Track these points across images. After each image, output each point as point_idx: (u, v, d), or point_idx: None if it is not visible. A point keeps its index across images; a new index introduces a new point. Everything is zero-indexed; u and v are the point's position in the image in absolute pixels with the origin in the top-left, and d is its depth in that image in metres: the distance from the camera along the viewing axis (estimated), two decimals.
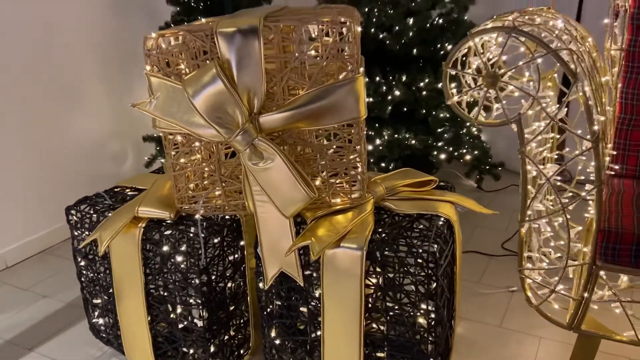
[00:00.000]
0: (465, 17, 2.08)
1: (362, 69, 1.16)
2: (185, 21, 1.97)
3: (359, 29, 1.16)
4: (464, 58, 1.23)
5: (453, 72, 1.17)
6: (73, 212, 1.36)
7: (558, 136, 1.44)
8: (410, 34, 2.01)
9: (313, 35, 1.16)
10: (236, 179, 1.21)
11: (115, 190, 1.45)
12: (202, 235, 1.20)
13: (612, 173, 1.31)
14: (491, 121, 1.19)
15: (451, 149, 2.15)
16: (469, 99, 1.24)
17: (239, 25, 1.06)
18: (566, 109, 1.26)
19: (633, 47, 1.28)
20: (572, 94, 1.02)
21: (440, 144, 2.12)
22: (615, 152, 1.31)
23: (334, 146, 1.25)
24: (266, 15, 1.11)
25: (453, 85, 1.25)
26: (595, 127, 1.03)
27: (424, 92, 2.06)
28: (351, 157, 1.21)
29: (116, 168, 2.44)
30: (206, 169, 1.22)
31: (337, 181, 1.24)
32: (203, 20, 1.21)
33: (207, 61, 1.08)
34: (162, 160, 2.26)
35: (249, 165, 1.10)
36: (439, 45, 2.07)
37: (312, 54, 1.14)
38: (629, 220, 1.07)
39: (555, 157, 1.49)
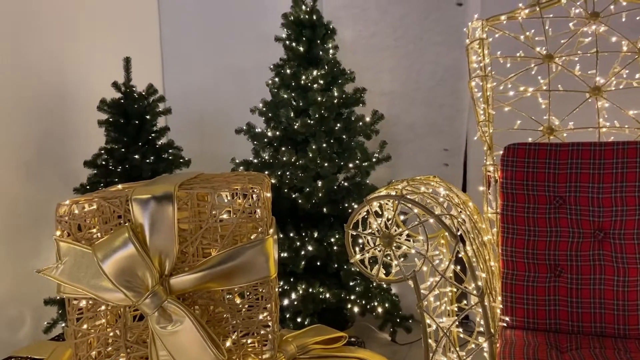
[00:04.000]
0: (367, 181, 2.31)
1: (272, 230, 1.24)
2: (102, 183, 2.02)
3: (269, 194, 1.27)
4: (366, 218, 1.36)
5: (354, 233, 1.29)
6: None
7: (455, 290, 1.56)
8: (320, 194, 2.19)
9: (226, 200, 1.25)
10: (142, 344, 1.17)
11: None
12: None
13: (505, 325, 1.42)
14: (390, 278, 1.29)
15: (363, 302, 2.22)
16: (370, 256, 1.35)
17: (154, 192, 1.12)
18: (458, 266, 1.40)
19: (506, 211, 1.49)
20: (456, 254, 1.16)
21: (352, 297, 2.19)
22: (500, 306, 1.43)
23: (246, 305, 1.27)
24: (181, 183, 1.20)
25: (365, 239, 1.36)
26: (479, 283, 1.15)
27: (335, 247, 2.18)
28: (262, 316, 1.23)
29: (11, 335, 2.23)
30: (111, 334, 1.18)
31: (249, 341, 1.24)
32: (119, 186, 1.27)
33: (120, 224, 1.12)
34: (64, 325, 2.11)
35: (157, 329, 1.09)
36: (346, 204, 2.25)
37: (224, 217, 1.21)
38: None
39: (456, 309, 1.60)
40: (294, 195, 2.23)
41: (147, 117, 2.07)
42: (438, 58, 2.47)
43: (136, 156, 2.00)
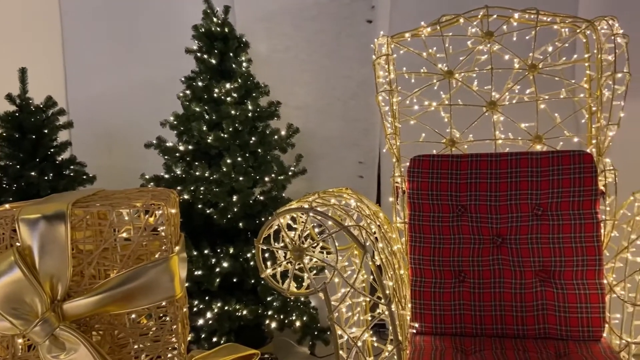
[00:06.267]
0: (284, 194, 2.31)
1: (177, 248, 1.19)
2: None
3: (174, 210, 1.22)
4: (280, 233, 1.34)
5: (264, 247, 1.27)
6: None
7: (368, 299, 1.58)
8: (235, 209, 2.15)
9: (127, 218, 1.18)
10: None
11: None
12: None
13: (414, 331, 1.46)
14: (301, 291, 1.28)
15: (282, 316, 2.19)
16: (282, 270, 1.34)
17: (44, 211, 1.05)
18: (372, 276, 1.42)
19: (413, 221, 1.53)
20: (364, 264, 1.17)
21: (270, 312, 2.16)
22: (410, 313, 1.47)
23: (153, 328, 1.21)
24: (76, 200, 1.12)
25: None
26: (387, 291, 1.17)
27: (251, 263, 2.14)
28: (168, 338, 1.18)
29: None
30: None
31: None
32: (7, 205, 1.17)
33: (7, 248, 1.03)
34: None
35: (48, 358, 1.01)
36: (262, 219, 2.22)
37: (125, 235, 1.15)
38: None
39: (369, 319, 1.62)
40: (208, 211, 2.17)
41: (45, 131, 1.94)
42: (351, 73, 2.53)
43: (33, 173, 1.87)
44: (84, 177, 2.06)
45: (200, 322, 2.07)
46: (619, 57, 1.51)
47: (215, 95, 2.20)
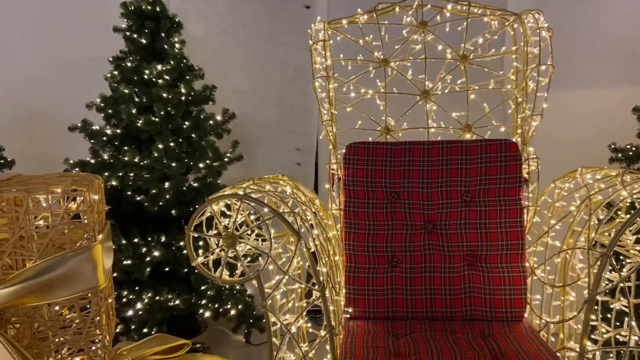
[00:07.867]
0: (219, 181, 2.25)
1: (101, 236, 1.13)
2: None
3: (96, 196, 1.16)
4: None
5: (195, 235, 1.23)
6: None
7: (302, 286, 1.58)
8: (167, 196, 2.08)
9: (44, 205, 1.11)
10: None
11: None
12: None
13: (348, 316, 1.48)
14: (234, 279, 1.26)
15: (216, 305, 2.16)
16: (215, 258, 1.30)
17: None
18: (307, 263, 1.41)
19: (348, 207, 1.54)
20: (299, 251, 1.16)
21: (204, 301, 2.12)
22: (344, 299, 1.48)
23: (76, 320, 1.15)
24: None
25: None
26: (320, 278, 1.17)
27: (184, 252, 2.08)
28: (91, 330, 1.13)
29: None
30: None
31: (79, 359, 1.12)
32: None
33: None
34: None
35: None
36: (196, 206, 2.16)
37: (42, 223, 1.08)
38: None
39: (304, 305, 1.62)
40: (138, 198, 2.09)
41: None
42: (288, 58, 2.50)
43: None
44: (1, 161, 1.92)
45: (130, 313, 2.00)
46: (543, 50, 1.57)
47: (145, 76, 2.10)
